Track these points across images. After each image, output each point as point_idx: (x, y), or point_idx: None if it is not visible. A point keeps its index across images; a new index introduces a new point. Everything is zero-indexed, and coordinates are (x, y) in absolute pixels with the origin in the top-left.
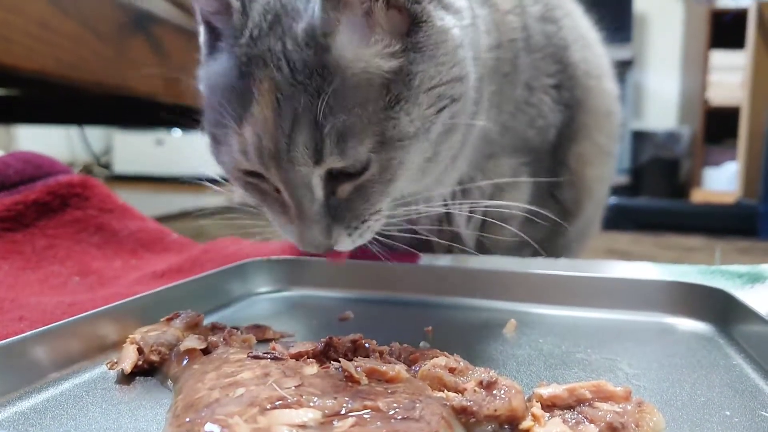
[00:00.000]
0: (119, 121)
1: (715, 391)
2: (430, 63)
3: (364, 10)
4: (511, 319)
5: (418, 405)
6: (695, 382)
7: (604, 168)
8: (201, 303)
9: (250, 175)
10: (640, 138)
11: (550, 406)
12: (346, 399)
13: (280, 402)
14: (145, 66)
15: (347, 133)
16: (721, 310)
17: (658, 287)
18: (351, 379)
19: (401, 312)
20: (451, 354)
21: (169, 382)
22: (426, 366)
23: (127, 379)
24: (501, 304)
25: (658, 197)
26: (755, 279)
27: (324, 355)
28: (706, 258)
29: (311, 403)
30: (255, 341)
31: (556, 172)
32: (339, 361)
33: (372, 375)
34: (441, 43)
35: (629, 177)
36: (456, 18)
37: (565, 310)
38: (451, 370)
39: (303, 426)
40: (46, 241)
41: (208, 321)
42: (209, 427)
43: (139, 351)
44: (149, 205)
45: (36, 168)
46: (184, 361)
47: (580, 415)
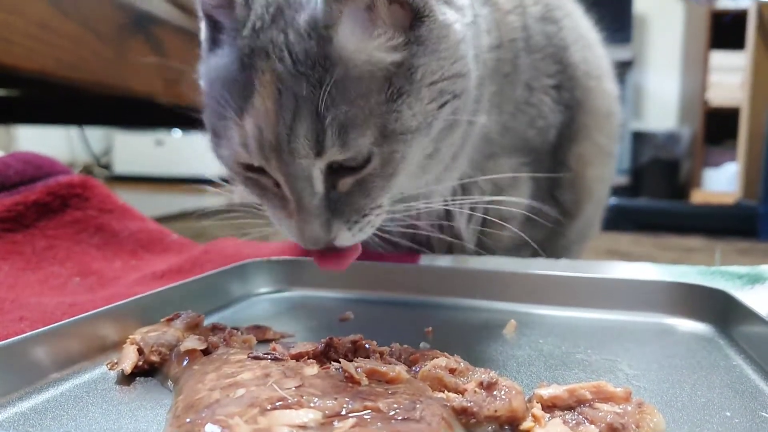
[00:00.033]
0: (119, 122)
1: (715, 392)
2: (433, 57)
3: (366, 3)
4: (511, 320)
5: (418, 406)
6: (695, 383)
7: (605, 168)
8: (201, 303)
9: (250, 169)
10: (640, 139)
11: (551, 406)
12: (347, 400)
13: (280, 402)
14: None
15: (349, 124)
16: (721, 310)
17: (658, 288)
18: (351, 379)
19: (401, 313)
20: (452, 355)
21: (169, 383)
22: (426, 367)
23: (127, 379)
24: (501, 304)
25: (658, 198)
26: (755, 280)
27: (324, 355)
28: (706, 259)
29: (311, 404)
30: (255, 342)
31: (556, 173)
32: (339, 362)
33: (372, 376)
34: (443, 37)
35: (629, 178)
36: (458, 14)
37: (566, 311)
38: (452, 371)
39: (303, 427)
40: (47, 242)
41: (208, 321)
42: (210, 427)
43: (140, 351)
44: (149, 205)
45: (36, 168)
46: (185, 362)
47: (581, 416)
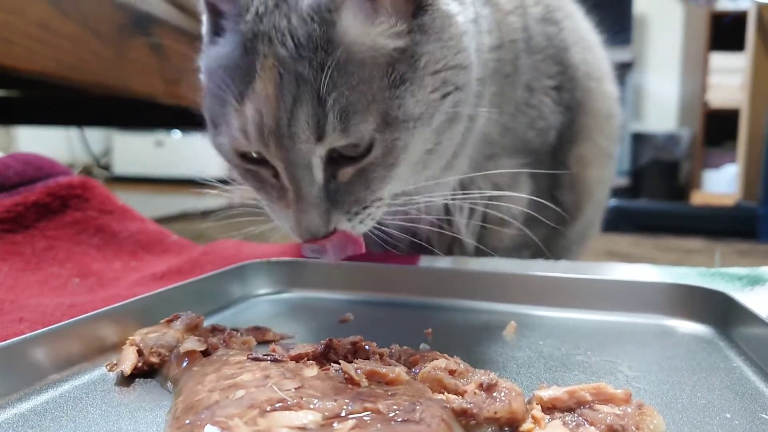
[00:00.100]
0: (119, 123)
1: (715, 394)
2: (436, 45)
3: None
4: (511, 321)
5: (418, 407)
6: (695, 385)
7: (605, 170)
8: (201, 305)
9: (248, 160)
10: (639, 140)
11: (551, 408)
12: (346, 401)
13: (280, 404)
14: (145, 67)
15: (350, 109)
16: (721, 312)
17: (658, 289)
18: (351, 381)
19: (401, 314)
20: (451, 356)
21: (168, 384)
22: (426, 368)
23: (126, 380)
24: (501, 306)
25: (657, 199)
26: (755, 281)
27: (324, 357)
28: (706, 260)
29: (311, 405)
30: (255, 343)
31: (557, 174)
32: (339, 363)
33: (372, 377)
34: (447, 27)
35: (629, 179)
36: (461, 7)
37: (565, 312)
38: (452, 373)
39: (303, 428)
40: (46, 243)
41: (208, 323)
42: (209, 429)
43: (139, 353)
44: (149, 206)
45: (36, 169)
46: (184, 363)
47: (581, 418)
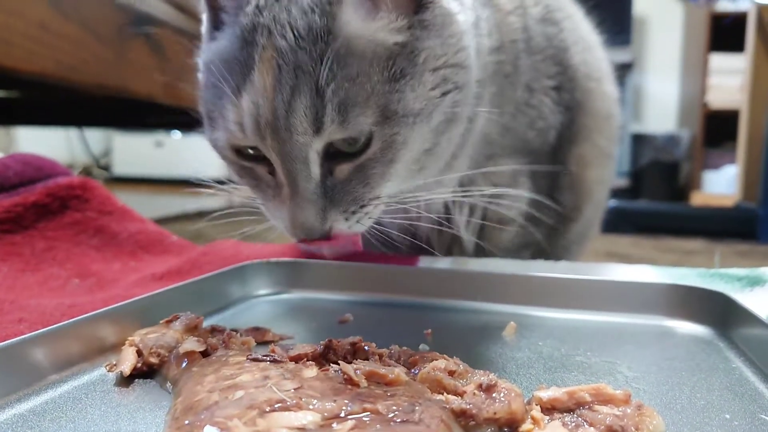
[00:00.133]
0: (119, 123)
1: (714, 395)
2: (436, 41)
3: None
4: (511, 322)
5: (417, 408)
6: (695, 386)
7: (604, 170)
8: (200, 305)
9: (243, 156)
10: (639, 141)
11: (550, 409)
12: (346, 402)
13: (279, 405)
14: (145, 68)
15: (349, 102)
16: (720, 313)
17: (658, 290)
18: (350, 381)
19: (401, 314)
20: (451, 357)
21: (168, 385)
22: (425, 369)
23: (126, 381)
24: (500, 306)
25: (657, 200)
26: (755, 282)
27: (323, 357)
28: (706, 261)
29: (310, 406)
30: (254, 343)
31: (556, 174)
32: (338, 364)
33: (371, 378)
34: (447, 25)
35: (629, 180)
36: (461, 7)
37: (565, 313)
38: (451, 373)
39: (302, 429)
40: (46, 243)
41: (207, 323)
42: (208, 429)
43: (139, 353)
44: (149, 207)
45: (36, 170)
46: (183, 364)
47: (580, 418)
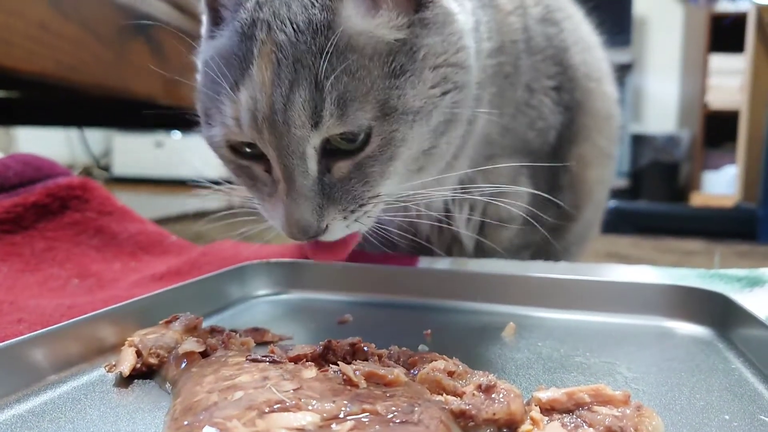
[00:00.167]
0: (119, 124)
1: (714, 395)
2: (437, 39)
3: None
4: (510, 323)
5: (416, 409)
6: (694, 386)
7: (604, 170)
8: (200, 306)
9: (239, 154)
10: (639, 141)
11: (549, 409)
12: (345, 402)
13: (278, 405)
14: (145, 68)
15: (348, 96)
16: (720, 314)
17: (658, 291)
18: (350, 382)
19: (400, 315)
20: (450, 357)
21: (167, 385)
22: (425, 369)
23: (125, 381)
24: (500, 307)
25: (657, 201)
26: (754, 283)
27: (323, 358)
28: (706, 261)
29: (310, 407)
30: (253, 344)
31: (556, 175)
32: (338, 365)
33: (371, 378)
34: (448, 24)
35: (629, 180)
36: (460, 8)
37: (564, 314)
38: (450, 374)
39: (301, 429)
40: (46, 244)
41: (206, 324)
42: (207, 430)
43: (138, 354)
44: (148, 207)
45: (35, 170)
46: (183, 364)
47: (579, 419)
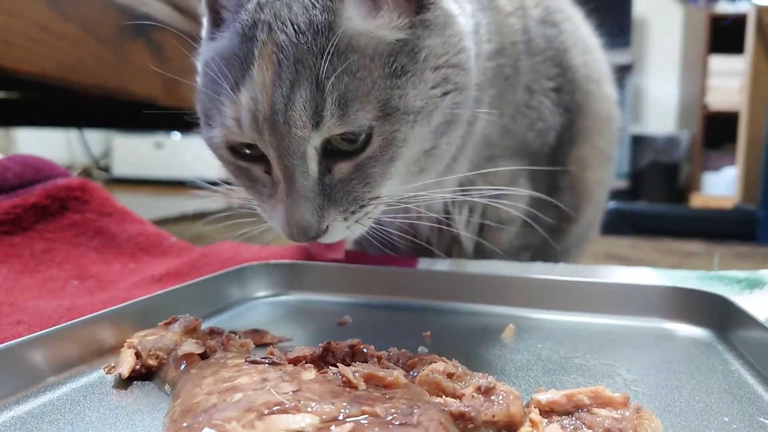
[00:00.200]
0: (119, 124)
1: (713, 397)
2: (438, 41)
3: None
4: (510, 324)
5: (416, 411)
6: (694, 388)
7: (604, 172)
8: (199, 307)
9: (239, 156)
10: (639, 142)
11: (549, 411)
12: (344, 404)
13: (277, 407)
14: (145, 69)
15: (349, 96)
16: (719, 315)
17: (657, 293)
18: (349, 384)
19: (400, 317)
20: (450, 359)
21: (166, 387)
22: (424, 371)
23: (124, 383)
24: (499, 309)
25: (657, 202)
26: (754, 284)
27: (322, 360)
28: (706, 263)
29: (309, 409)
30: (253, 346)
31: (556, 176)
32: (337, 366)
33: (370, 380)
34: (449, 25)
35: (628, 181)
36: (461, 10)
37: (564, 315)
38: (450, 376)
39: (300, 431)
40: (45, 245)
41: (206, 325)
42: None
43: (137, 355)
44: (148, 208)
45: (35, 171)
46: (182, 366)
47: (579, 421)
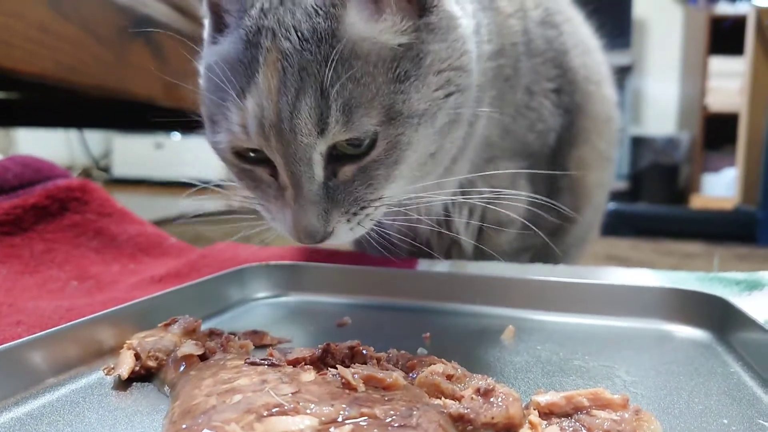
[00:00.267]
0: (119, 125)
1: (712, 399)
2: (442, 45)
3: None
4: (510, 326)
5: (415, 412)
6: (693, 390)
7: (604, 173)
8: (198, 308)
9: (244, 159)
10: (639, 144)
11: (548, 413)
12: (344, 406)
13: (276, 409)
14: (145, 69)
15: (354, 102)
16: (719, 317)
17: (657, 294)
18: (348, 386)
19: (399, 318)
20: (449, 361)
21: (166, 388)
22: (423, 373)
23: (123, 384)
24: (499, 310)
25: (657, 203)
26: (753, 286)
27: (321, 361)
28: (705, 264)
29: (308, 410)
30: (252, 347)
31: (556, 177)
32: (336, 368)
33: (369, 382)
34: (452, 28)
35: (628, 183)
36: (463, 11)
37: (564, 317)
38: (449, 377)
39: None
40: (45, 246)
41: (205, 326)
42: None
43: (137, 357)
44: (148, 208)
45: (35, 172)
46: (181, 367)
47: (578, 423)
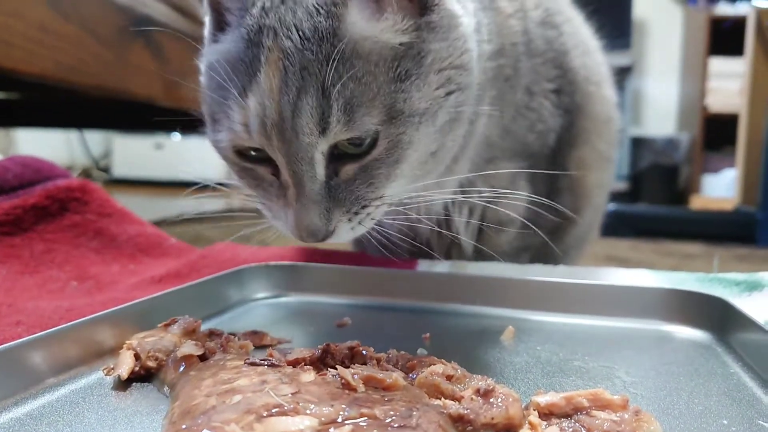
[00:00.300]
0: (119, 125)
1: (712, 400)
2: (443, 44)
3: None
4: (509, 326)
5: (415, 413)
6: (693, 391)
7: (604, 174)
8: (198, 309)
9: (246, 158)
10: (639, 144)
11: (548, 414)
12: (343, 406)
13: (276, 409)
14: (145, 69)
15: (355, 102)
16: (718, 318)
17: (656, 295)
18: (348, 386)
19: (399, 318)
20: (449, 361)
21: (165, 389)
22: (423, 373)
23: (123, 385)
24: (499, 311)
25: (656, 204)
26: (753, 287)
27: (321, 362)
28: (705, 265)
29: (308, 411)
30: (252, 347)
31: (556, 178)
32: (336, 368)
33: (369, 382)
34: (453, 27)
35: (628, 183)
36: (464, 10)
37: (563, 318)
38: (449, 378)
39: None
40: (45, 246)
41: (205, 327)
42: None
43: (136, 357)
44: (148, 209)
45: (35, 172)
46: (181, 368)
47: (578, 424)
